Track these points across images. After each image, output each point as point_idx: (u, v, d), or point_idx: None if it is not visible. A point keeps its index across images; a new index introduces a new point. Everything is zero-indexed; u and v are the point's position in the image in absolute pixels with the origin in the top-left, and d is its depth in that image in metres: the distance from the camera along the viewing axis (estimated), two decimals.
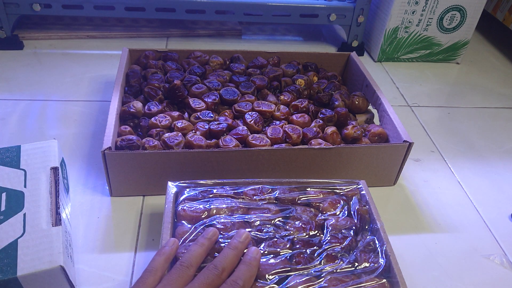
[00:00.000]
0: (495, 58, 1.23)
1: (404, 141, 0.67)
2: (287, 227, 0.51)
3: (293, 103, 0.77)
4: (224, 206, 0.53)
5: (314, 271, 0.46)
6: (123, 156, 0.61)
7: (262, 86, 0.80)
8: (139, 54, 0.85)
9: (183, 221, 0.51)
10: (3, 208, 0.51)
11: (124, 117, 0.71)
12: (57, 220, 0.50)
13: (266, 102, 0.76)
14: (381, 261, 0.49)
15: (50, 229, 0.49)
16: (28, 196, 0.52)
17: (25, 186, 0.54)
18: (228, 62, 0.88)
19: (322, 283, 0.45)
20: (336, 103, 0.78)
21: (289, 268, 0.46)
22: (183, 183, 0.56)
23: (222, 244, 0.48)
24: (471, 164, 0.81)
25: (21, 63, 0.96)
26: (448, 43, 1.13)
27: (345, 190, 0.58)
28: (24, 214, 0.50)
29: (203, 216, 0.51)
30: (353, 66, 0.89)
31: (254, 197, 0.55)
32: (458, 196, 0.74)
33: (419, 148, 0.83)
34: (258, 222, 0.51)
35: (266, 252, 0.48)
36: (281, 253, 0.48)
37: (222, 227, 0.50)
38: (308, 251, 0.49)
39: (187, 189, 0.55)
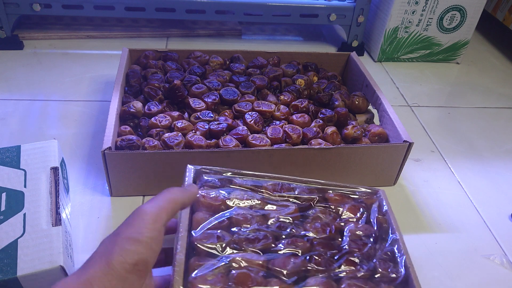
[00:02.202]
0: (495, 58, 1.23)
1: (404, 141, 0.67)
2: (307, 226, 0.50)
3: (293, 103, 0.77)
4: (244, 198, 0.51)
5: (333, 274, 0.45)
6: (123, 156, 0.61)
7: (262, 86, 0.80)
8: (139, 54, 0.85)
9: (202, 208, 0.49)
10: (3, 208, 0.51)
11: (124, 117, 0.71)
12: (57, 220, 0.50)
13: (266, 102, 0.76)
14: (401, 271, 0.47)
15: (50, 229, 0.49)
16: (28, 196, 0.52)
17: (25, 186, 0.54)
18: (228, 62, 0.88)
19: (341, 287, 0.44)
20: (336, 103, 0.78)
21: (309, 269, 0.45)
22: (203, 168, 0.54)
23: (242, 236, 0.46)
24: (471, 164, 0.81)
25: (21, 63, 0.96)
26: (448, 43, 1.13)
27: (365, 197, 0.56)
28: (24, 214, 0.50)
29: (222, 206, 0.49)
30: (353, 66, 0.89)
31: (274, 192, 0.53)
32: (458, 196, 0.74)
33: (419, 148, 0.83)
34: (277, 219, 0.50)
35: (285, 250, 0.47)
36: (300, 253, 0.47)
37: (242, 219, 0.48)
38: (328, 253, 0.47)
39: (206, 175, 0.53)
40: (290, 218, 0.50)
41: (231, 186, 0.52)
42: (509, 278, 0.60)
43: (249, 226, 0.48)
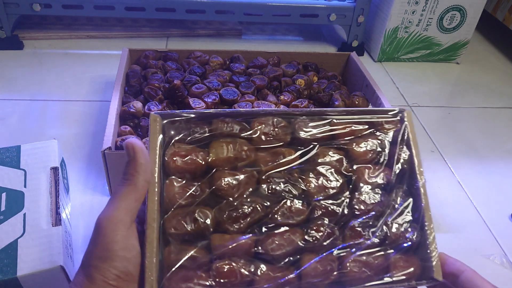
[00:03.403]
0: (495, 58, 1.23)
1: None
2: (306, 178, 0.39)
3: (293, 103, 0.77)
4: (226, 150, 0.39)
5: (336, 250, 0.37)
6: (123, 156, 0.60)
7: (262, 86, 0.80)
8: (139, 54, 0.85)
9: (173, 173, 0.38)
10: (3, 208, 0.51)
11: (124, 117, 0.71)
12: (57, 220, 0.50)
13: (266, 102, 0.76)
14: (415, 236, 0.39)
15: (50, 229, 0.49)
16: (28, 196, 0.52)
17: (25, 186, 0.54)
18: (228, 62, 0.88)
19: (345, 267, 0.36)
20: (336, 103, 0.78)
21: (306, 246, 0.37)
22: (173, 116, 0.39)
23: (224, 213, 0.37)
24: (471, 164, 0.81)
25: (21, 63, 0.96)
26: (448, 43, 1.13)
27: (384, 125, 0.43)
28: (24, 214, 0.50)
29: (199, 168, 0.38)
30: (353, 66, 0.89)
31: (267, 135, 0.40)
32: (458, 196, 0.74)
33: (419, 148, 0.83)
34: (269, 177, 0.39)
35: (280, 222, 0.37)
36: (296, 224, 0.37)
37: (225, 186, 0.38)
38: (331, 223, 0.38)
39: (178, 125, 0.39)
40: (288, 173, 0.39)
41: (209, 134, 0.39)
42: (509, 278, 0.60)
43: (235, 194, 0.38)
